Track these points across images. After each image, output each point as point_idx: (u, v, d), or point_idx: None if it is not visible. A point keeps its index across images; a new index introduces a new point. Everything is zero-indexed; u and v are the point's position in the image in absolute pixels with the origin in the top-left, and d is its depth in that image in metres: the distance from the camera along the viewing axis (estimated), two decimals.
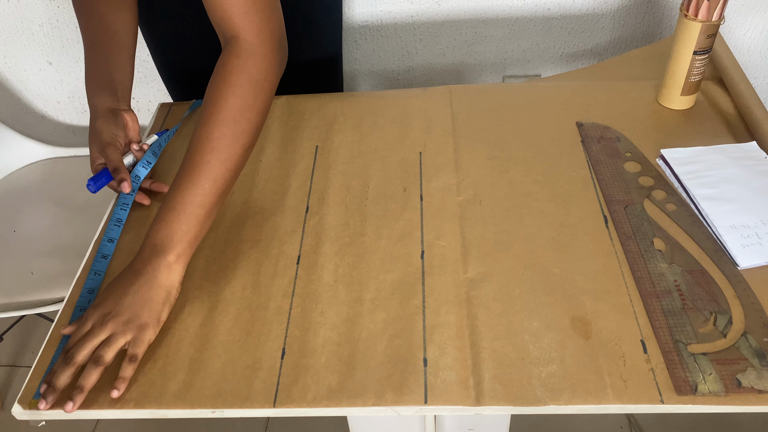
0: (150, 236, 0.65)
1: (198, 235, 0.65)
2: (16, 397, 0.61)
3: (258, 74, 0.66)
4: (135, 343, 0.61)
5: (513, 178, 0.80)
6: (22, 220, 1.22)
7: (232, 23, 0.66)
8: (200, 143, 0.65)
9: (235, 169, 0.66)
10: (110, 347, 0.60)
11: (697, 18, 0.80)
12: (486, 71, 1.43)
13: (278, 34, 0.68)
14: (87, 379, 0.59)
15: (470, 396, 0.58)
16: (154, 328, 0.63)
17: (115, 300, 0.62)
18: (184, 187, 0.64)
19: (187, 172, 0.65)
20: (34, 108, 1.56)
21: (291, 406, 0.59)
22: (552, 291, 0.66)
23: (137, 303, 0.62)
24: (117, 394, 0.59)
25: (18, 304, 1.07)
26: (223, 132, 0.65)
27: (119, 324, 0.61)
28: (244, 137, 0.66)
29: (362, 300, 0.67)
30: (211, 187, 0.65)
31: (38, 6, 1.36)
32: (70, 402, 0.58)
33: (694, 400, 0.56)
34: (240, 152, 0.66)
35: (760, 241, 0.69)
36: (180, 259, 0.64)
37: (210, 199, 0.65)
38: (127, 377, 0.60)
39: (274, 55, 0.68)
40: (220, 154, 0.65)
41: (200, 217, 0.65)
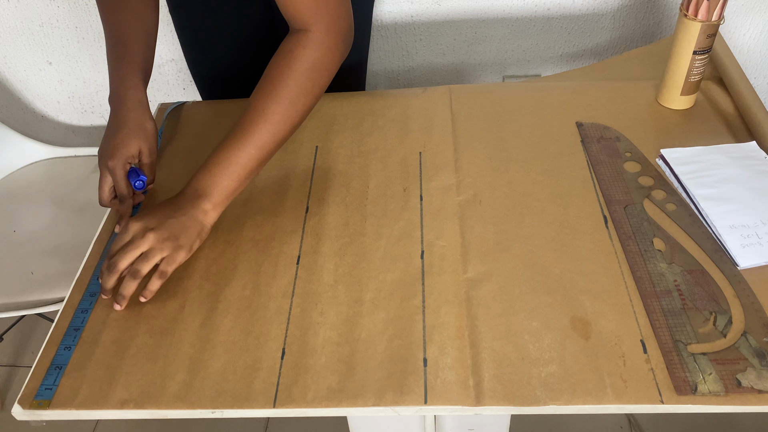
0: (194, 181, 0.71)
1: (236, 191, 0.72)
2: (16, 397, 0.61)
3: (321, 65, 0.71)
4: (168, 261, 0.68)
5: (513, 178, 0.80)
6: (22, 220, 1.22)
7: (303, 19, 0.70)
8: (255, 113, 0.71)
9: (280, 141, 0.72)
10: (147, 262, 0.67)
11: (697, 18, 0.80)
12: (486, 71, 1.43)
13: (345, 28, 0.72)
14: (126, 288, 0.67)
15: (470, 396, 0.58)
16: (187, 252, 0.69)
17: (158, 218, 0.69)
18: (232, 147, 0.71)
19: (237, 134, 0.71)
20: (34, 108, 1.56)
21: (291, 406, 0.59)
22: (552, 291, 0.66)
23: (177, 226, 0.69)
24: (143, 300, 0.68)
25: (18, 304, 1.07)
26: (277, 109, 0.70)
27: (158, 240, 0.68)
28: (296, 117, 0.72)
29: (362, 300, 0.67)
30: (255, 153, 0.71)
31: (38, 6, 1.36)
32: (117, 304, 0.68)
33: (694, 400, 0.56)
34: (288, 129, 0.72)
35: (760, 241, 0.69)
36: (216, 208, 0.71)
37: (253, 163, 0.71)
38: (154, 290, 0.68)
39: (338, 48, 0.72)
40: (270, 127, 0.71)
41: (241, 177, 0.71)
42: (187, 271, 0.72)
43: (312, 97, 0.72)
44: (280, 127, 0.71)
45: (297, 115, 0.72)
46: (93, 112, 1.57)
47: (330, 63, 0.72)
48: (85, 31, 1.40)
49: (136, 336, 0.66)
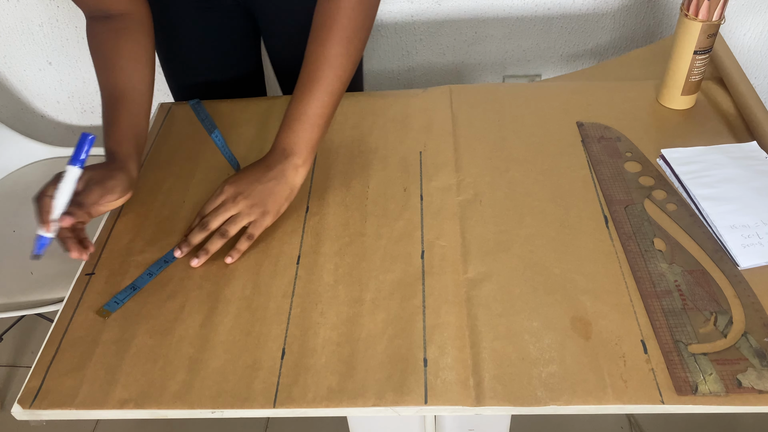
0: (279, 141, 0.74)
1: (318, 140, 0.75)
2: (16, 397, 0.61)
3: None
4: (255, 225, 0.72)
5: (513, 178, 0.80)
6: (22, 220, 1.22)
7: None
8: (318, 60, 0.72)
9: (347, 81, 0.74)
10: (235, 224, 0.72)
11: (697, 18, 0.80)
12: (486, 71, 1.43)
13: None
14: (212, 245, 0.72)
15: (470, 396, 0.58)
16: (273, 217, 0.73)
17: (249, 183, 0.73)
18: (306, 99, 0.72)
19: (306, 86, 0.72)
20: (34, 108, 1.56)
21: (291, 406, 0.59)
22: (552, 291, 0.66)
23: (265, 192, 0.72)
24: (230, 261, 0.71)
25: (18, 304, 1.07)
26: (338, 50, 0.71)
27: (247, 205, 0.72)
28: (356, 54, 0.73)
29: (362, 300, 0.67)
30: (328, 99, 0.73)
31: (38, 6, 1.36)
32: (195, 258, 0.71)
33: (695, 400, 0.56)
34: (351, 67, 0.73)
35: (761, 241, 0.69)
36: (306, 162, 0.74)
37: (328, 110, 0.73)
38: (242, 250, 0.72)
39: None
40: (336, 70, 0.72)
41: (320, 126, 0.74)
42: (187, 271, 0.72)
43: (366, 30, 0.73)
44: (344, 68, 0.72)
45: (356, 52, 0.73)
46: (93, 112, 1.57)
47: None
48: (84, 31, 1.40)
49: (136, 336, 0.66)
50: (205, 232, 0.72)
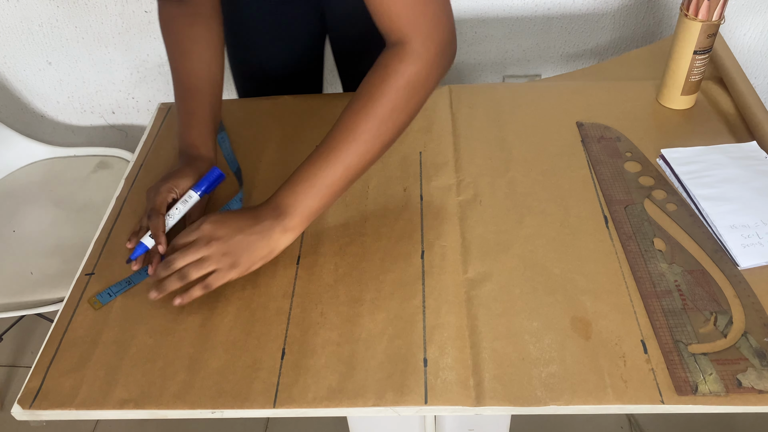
0: (277, 196, 0.68)
1: (318, 211, 0.68)
2: (16, 397, 0.61)
3: (417, 80, 0.66)
4: (217, 276, 0.66)
5: (513, 178, 0.80)
6: (22, 220, 1.22)
7: (400, 31, 0.64)
8: (344, 130, 0.67)
9: (370, 162, 0.68)
10: (198, 270, 0.65)
11: (697, 18, 0.80)
12: (486, 71, 1.43)
13: (445, 41, 0.66)
14: (170, 285, 0.66)
15: (470, 396, 0.58)
16: (240, 273, 0.67)
17: (230, 230, 0.66)
18: (319, 164, 0.67)
19: (325, 151, 0.67)
20: (34, 108, 1.56)
21: (291, 406, 0.59)
22: (552, 291, 0.66)
23: (243, 244, 0.66)
24: (178, 302, 0.66)
25: (18, 304, 1.07)
26: (368, 127, 0.66)
27: (219, 252, 0.65)
28: (387, 136, 0.67)
29: (362, 300, 0.67)
30: (343, 173, 0.67)
31: (38, 6, 1.36)
32: (154, 292, 0.66)
33: (695, 400, 0.56)
34: (378, 148, 0.68)
35: (761, 241, 0.69)
36: (296, 228, 0.68)
37: (339, 183, 0.67)
38: (193, 296, 0.66)
39: (437, 62, 0.66)
40: (359, 146, 0.66)
41: (325, 197, 0.68)
42: None
43: (406, 115, 0.67)
44: (369, 147, 0.66)
45: (388, 134, 0.67)
46: (93, 112, 1.57)
47: (428, 78, 0.66)
48: (84, 31, 1.40)
49: (136, 336, 0.66)
50: (169, 272, 0.66)
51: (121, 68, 1.47)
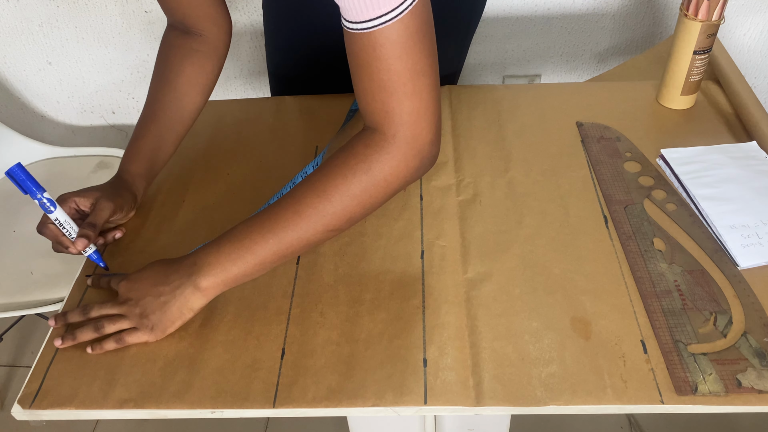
0: (198, 252, 0.63)
1: (238, 280, 0.63)
2: (16, 397, 0.61)
3: (390, 178, 0.60)
4: (131, 333, 0.64)
5: (513, 178, 0.80)
6: (22, 220, 1.22)
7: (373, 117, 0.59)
8: (295, 205, 0.61)
9: (307, 247, 0.62)
10: (113, 324, 0.64)
11: (697, 17, 0.80)
12: (486, 71, 1.43)
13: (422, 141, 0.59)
14: (83, 335, 0.64)
15: (470, 396, 0.58)
16: (156, 336, 0.64)
17: (140, 291, 0.64)
18: (254, 231, 0.61)
19: (266, 222, 0.61)
20: (34, 108, 1.56)
21: (291, 406, 0.59)
22: (552, 291, 0.66)
23: (153, 306, 0.63)
24: (90, 351, 0.64)
25: (18, 304, 1.07)
26: (321, 216, 0.60)
27: (133, 314, 0.64)
28: (336, 229, 0.62)
29: (362, 300, 0.67)
30: (277, 250, 0.61)
31: (38, 6, 1.36)
32: (59, 339, 0.64)
33: (694, 400, 0.56)
34: (321, 239, 0.62)
35: (760, 241, 0.69)
36: (209, 290, 0.63)
37: (270, 258, 0.62)
38: (105, 349, 0.64)
39: (406, 160, 0.59)
40: (304, 228, 0.61)
41: (250, 267, 0.62)
42: None
43: (364, 212, 0.61)
44: (313, 233, 0.61)
45: (338, 227, 0.62)
46: (93, 112, 1.57)
47: (402, 179, 0.60)
48: (84, 31, 1.40)
49: None
50: (84, 318, 0.66)
51: (121, 68, 1.47)
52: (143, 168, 0.77)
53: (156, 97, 0.79)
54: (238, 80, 1.49)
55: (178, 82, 0.79)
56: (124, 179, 0.76)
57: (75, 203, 0.73)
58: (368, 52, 0.55)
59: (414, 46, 0.55)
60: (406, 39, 0.54)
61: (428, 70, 0.57)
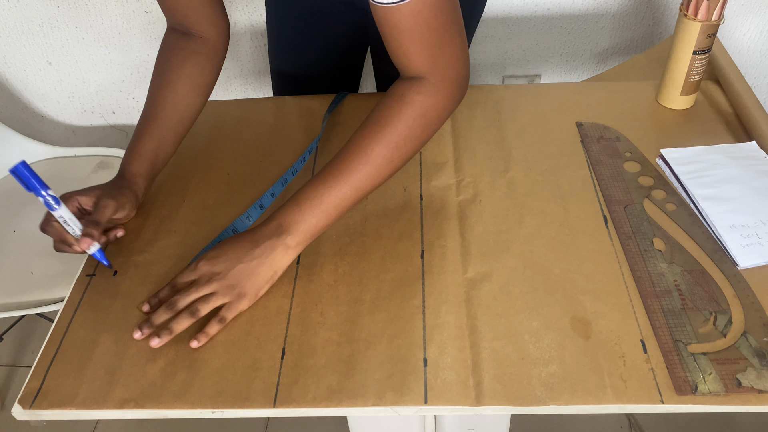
0: (279, 215, 0.67)
1: (322, 230, 0.68)
2: (16, 397, 0.61)
3: (433, 112, 0.67)
4: (229, 307, 0.65)
5: (513, 178, 0.80)
6: (22, 220, 1.22)
7: (418, 70, 0.66)
8: (357, 152, 0.66)
9: (376, 186, 0.68)
10: (208, 304, 0.65)
11: (696, 18, 0.80)
12: (486, 71, 1.43)
13: (462, 77, 0.68)
14: (179, 324, 0.64)
15: (470, 396, 0.58)
16: (250, 300, 0.66)
17: (228, 263, 0.66)
18: (328, 184, 0.66)
19: (334, 171, 0.67)
20: (34, 108, 1.56)
21: (291, 406, 0.59)
22: (552, 291, 0.66)
23: (245, 273, 0.65)
24: (196, 345, 0.63)
25: (18, 304, 1.07)
26: (382, 152, 0.66)
27: (223, 286, 0.65)
28: (398, 162, 0.68)
29: (362, 300, 0.67)
30: (350, 194, 0.67)
31: (38, 6, 1.36)
32: (156, 338, 0.63)
33: (694, 400, 0.56)
34: (388, 173, 0.68)
35: (760, 240, 0.69)
36: (298, 246, 0.67)
37: (345, 203, 0.67)
38: (211, 334, 0.64)
39: (452, 96, 0.68)
40: (370, 169, 0.66)
41: (331, 216, 0.67)
42: None
43: (419, 143, 0.68)
44: (381, 170, 0.67)
45: (400, 160, 0.68)
46: (93, 112, 1.57)
47: (443, 110, 0.68)
48: (85, 31, 1.40)
49: None
50: (172, 313, 0.65)
51: (121, 68, 1.47)
52: (144, 168, 0.77)
53: (156, 98, 0.79)
54: (238, 80, 1.49)
55: (179, 84, 0.79)
56: (126, 179, 0.76)
57: (78, 202, 0.73)
58: (408, 19, 0.61)
59: (446, 4, 0.62)
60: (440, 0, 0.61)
61: (458, 18, 0.65)
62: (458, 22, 0.65)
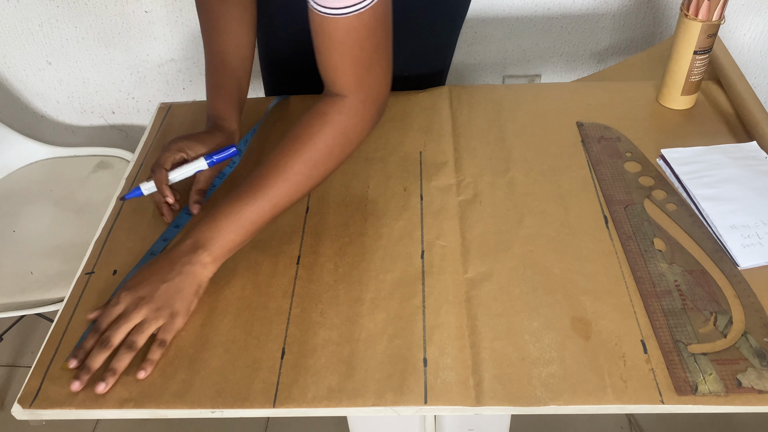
0: (196, 232, 0.67)
1: (239, 245, 0.68)
2: (16, 397, 0.61)
3: (352, 132, 0.69)
4: (165, 329, 0.64)
5: (513, 178, 0.80)
6: (22, 220, 1.22)
7: (343, 86, 0.67)
8: (276, 169, 0.67)
9: (295, 201, 0.69)
10: (143, 333, 0.63)
11: (697, 18, 0.80)
12: (486, 71, 1.43)
13: (382, 100, 0.70)
14: (120, 362, 0.62)
15: (470, 396, 0.58)
16: (184, 317, 0.65)
17: (150, 285, 0.65)
18: (245, 200, 0.67)
19: (252, 187, 0.67)
20: (34, 108, 1.56)
21: (291, 406, 0.59)
22: (552, 291, 0.66)
23: (170, 291, 0.64)
24: (144, 375, 0.61)
25: (18, 304, 1.07)
26: (301, 169, 0.67)
27: (152, 310, 0.63)
28: (317, 179, 0.69)
29: (362, 300, 0.67)
30: (268, 210, 0.67)
31: (38, 6, 1.36)
32: (102, 383, 0.60)
33: (695, 400, 0.56)
34: (306, 189, 0.69)
35: (761, 241, 0.69)
36: (216, 261, 0.67)
37: (263, 219, 0.67)
38: (155, 360, 0.62)
39: (372, 118, 0.70)
40: (289, 186, 0.67)
41: (248, 232, 0.67)
42: None
43: (337, 161, 0.70)
44: (299, 187, 0.68)
45: (318, 178, 0.69)
46: (93, 112, 1.57)
47: (362, 131, 0.70)
48: (85, 31, 1.40)
49: None
50: (107, 351, 0.62)
51: (121, 68, 1.47)
52: (236, 115, 0.82)
53: (218, 46, 0.82)
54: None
55: (230, 25, 0.82)
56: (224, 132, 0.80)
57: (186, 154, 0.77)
58: (343, 33, 0.62)
59: (380, 27, 0.64)
60: (376, 21, 0.63)
61: (389, 43, 0.67)
62: (389, 48, 0.67)
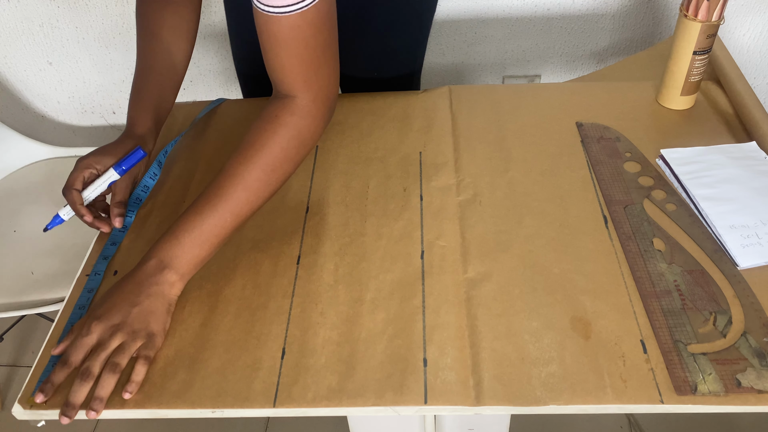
0: (158, 250, 0.65)
1: (205, 259, 0.67)
2: (16, 397, 0.61)
3: (306, 133, 0.68)
4: (146, 346, 0.62)
5: (513, 178, 0.80)
6: (22, 220, 1.22)
7: (292, 86, 0.66)
8: (234, 178, 0.66)
9: (256, 209, 0.68)
10: (124, 353, 0.61)
11: (696, 18, 0.80)
12: (486, 71, 1.43)
13: (332, 99, 0.70)
14: (105, 388, 0.60)
15: (470, 396, 0.58)
16: (161, 336, 0.64)
17: (122, 311, 0.62)
18: (206, 213, 0.65)
19: (211, 200, 0.65)
20: (34, 108, 1.56)
21: (291, 406, 0.59)
22: (552, 291, 0.66)
23: (144, 313, 0.63)
24: (129, 396, 0.60)
25: (18, 304, 1.07)
26: (259, 176, 0.66)
27: (129, 333, 0.62)
28: (276, 184, 0.68)
29: (362, 300, 0.67)
30: (230, 220, 0.66)
31: (38, 6, 1.36)
32: (93, 411, 0.59)
33: (694, 400, 0.56)
34: (267, 196, 0.68)
35: (760, 241, 0.69)
36: (183, 278, 0.65)
37: (226, 231, 0.66)
38: (139, 380, 0.61)
39: (324, 117, 0.69)
40: (249, 194, 0.66)
41: (213, 245, 0.66)
42: None
43: (294, 164, 0.69)
44: (258, 194, 0.67)
45: (277, 183, 0.68)
46: (93, 112, 1.57)
47: (315, 131, 0.69)
48: (85, 31, 1.40)
49: None
50: (89, 382, 0.59)
51: (122, 68, 1.47)
52: (150, 121, 0.80)
53: (146, 52, 0.81)
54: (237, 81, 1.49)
55: (163, 33, 0.81)
56: (134, 137, 0.79)
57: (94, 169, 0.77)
58: (288, 32, 0.62)
59: (324, 24, 0.63)
60: (320, 19, 0.62)
61: (335, 41, 0.67)
62: (335, 46, 0.67)
